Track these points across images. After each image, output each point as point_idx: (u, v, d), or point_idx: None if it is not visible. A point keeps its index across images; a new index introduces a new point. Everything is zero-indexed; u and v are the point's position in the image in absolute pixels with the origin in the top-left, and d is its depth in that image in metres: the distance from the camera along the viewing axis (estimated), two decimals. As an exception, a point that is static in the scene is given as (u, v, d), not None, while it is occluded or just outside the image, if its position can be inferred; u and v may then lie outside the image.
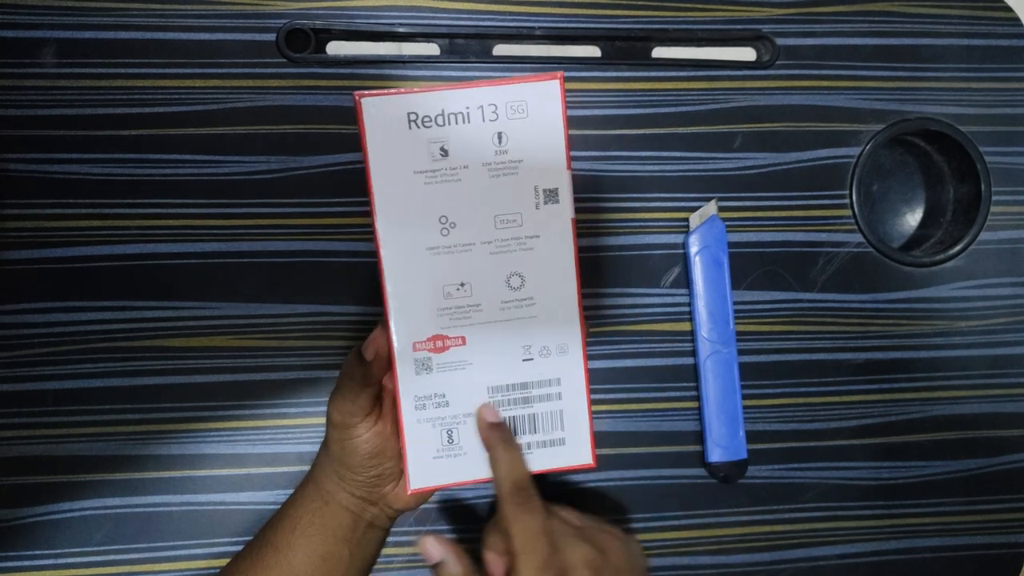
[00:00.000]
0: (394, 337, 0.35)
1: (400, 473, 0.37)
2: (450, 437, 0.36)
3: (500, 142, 0.34)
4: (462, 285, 0.35)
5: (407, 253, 0.34)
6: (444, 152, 0.33)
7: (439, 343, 0.35)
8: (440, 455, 0.36)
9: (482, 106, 0.33)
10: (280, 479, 0.43)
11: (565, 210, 0.35)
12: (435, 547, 0.36)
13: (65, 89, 0.42)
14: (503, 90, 0.33)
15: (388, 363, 0.35)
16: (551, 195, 0.35)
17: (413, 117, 0.33)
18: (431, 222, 0.34)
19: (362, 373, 0.34)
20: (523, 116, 0.34)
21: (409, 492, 0.36)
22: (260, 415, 0.44)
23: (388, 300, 0.34)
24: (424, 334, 0.35)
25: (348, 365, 0.35)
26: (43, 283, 0.42)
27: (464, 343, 0.35)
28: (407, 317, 0.35)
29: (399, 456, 0.37)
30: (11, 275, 0.42)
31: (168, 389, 0.43)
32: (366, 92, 0.33)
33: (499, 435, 0.35)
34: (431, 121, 0.33)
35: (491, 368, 0.36)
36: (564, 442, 0.37)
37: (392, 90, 0.33)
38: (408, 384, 0.35)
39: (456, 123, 0.33)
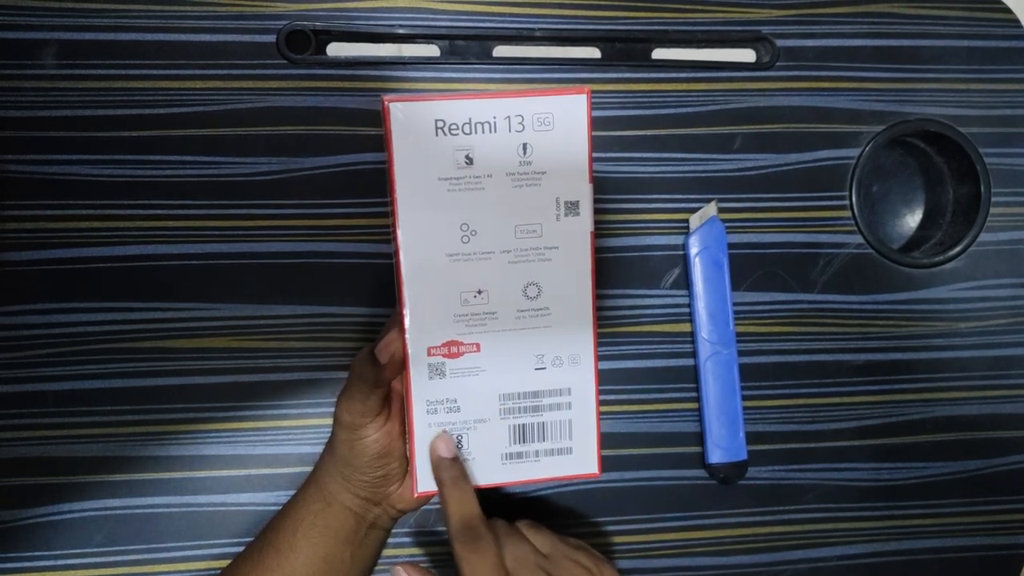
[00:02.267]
0: (409, 341, 0.35)
1: (405, 474, 0.37)
2: (459, 442, 0.36)
3: (525, 153, 0.34)
4: (479, 292, 0.35)
5: (427, 258, 0.34)
6: (469, 160, 0.33)
7: (454, 349, 0.35)
8: None
9: (509, 116, 0.33)
10: (281, 480, 0.43)
11: (585, 223, 0.35)
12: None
13: (65, 90, 0.42)
14: (530, 102, 0.34)
15: (401, 366, 0.35)
16: (572, 207, 0.35)
17: (440, 124, 0.33)
18: (452, 229, 0.34)
19: (374, 375, 0.34)
20: (549, 128, 0.34)
21: (416, 495, 0.36)
22: (261, 416, 0.44)
23: (405, 304, 0.34)
24: (439, 339, 0.35)
25: (359, 366, 0.35)
26: (44, 284, 0.42)
27: (478, 350, 0.35)
28: (423, 322, 0.35)
29: (405, 457, 0.37)
30: (11, 276, 0.42)
31: (168, 390, 0.43)
32: (394, 96, 0.33)
33: (450, 472, 0.35)
34: (458, 129, 0.33)
35: (504, 375, 0.36)
36: (571, 451, 0.37)
37: (420, 95, 0.33)
38: (421, 388, 0.35)
39: (482, 132, 0.33)
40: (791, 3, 0.48)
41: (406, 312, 0.34)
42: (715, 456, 0.45)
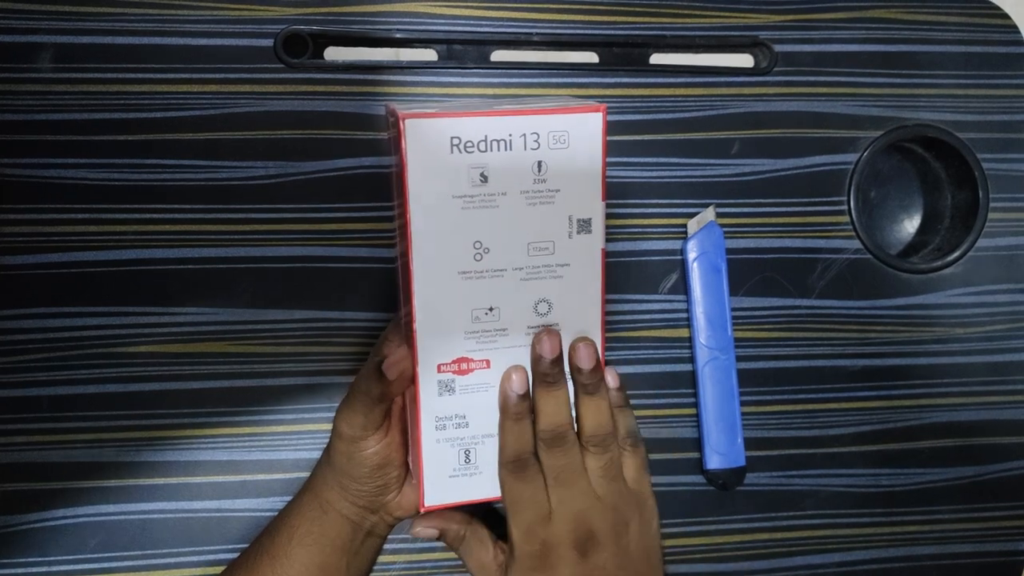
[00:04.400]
0: (420, 359, 0.34)
1: (403, 482, 0.37)
2: (467, 457, 0.36)
3: (539, 171, 0.33)
4: (491, 310, 0.34)
5: (439, 276, 0.33)
6: (484, 178, 0.33)
7: (464, 365, 0.35)
8: (456, 474, 0.36)
9: (525, 134, 0.33)
10: (277, 486, 0.43)
11: (596, 240, 0.35)
12: (427, 529, 0.37)
13: (62, 94, 0.42)
14: (547, 119, 0.33)
15: (408, 382, 0.34)
16: (584, 225, 0.35)
17: (456, 141, 0.32)
18: (465, 247, 0.33)
19: (379, 390, 0.34)
20: (564, 146, 0.33)
21: (423, 509, 0.36)
22: (257, 421, 0.43)
23: (416, 321, 0.34)
24: (449, 356, 0.34)
25: (364, 381, 0.34)
26: (40, 288, 0.42)
27: (488, 366, 0.35)
28: (434, 339, 0.34)
29: (404, 466, 0.37)
30: (7, 280, 0.42)
31: (164, 395, 0.43)
32: (409, 113, 0.32)
33: (516, 408, 0.34)
34: (473, 146, 0.32)
35: None
36: None
37: (436, 112, 0.32)
38: (430, 405, 0.35)
39: (498, 149, 0.33)
40: (789, 8, 0.48)
41: (417, 329, 0.34)
42: (713, 462, 0.45)
